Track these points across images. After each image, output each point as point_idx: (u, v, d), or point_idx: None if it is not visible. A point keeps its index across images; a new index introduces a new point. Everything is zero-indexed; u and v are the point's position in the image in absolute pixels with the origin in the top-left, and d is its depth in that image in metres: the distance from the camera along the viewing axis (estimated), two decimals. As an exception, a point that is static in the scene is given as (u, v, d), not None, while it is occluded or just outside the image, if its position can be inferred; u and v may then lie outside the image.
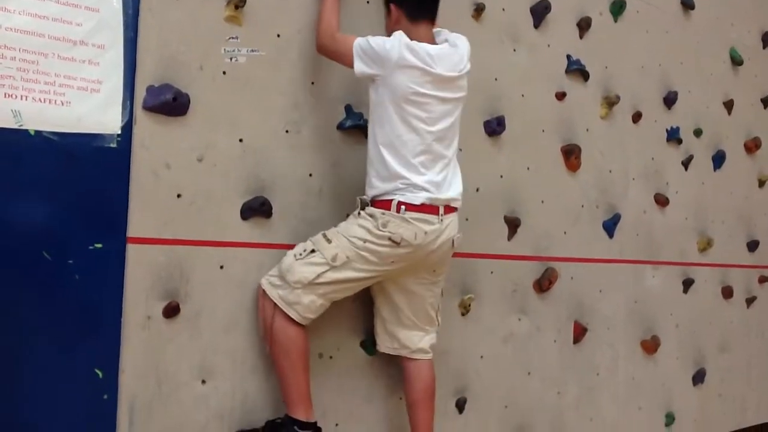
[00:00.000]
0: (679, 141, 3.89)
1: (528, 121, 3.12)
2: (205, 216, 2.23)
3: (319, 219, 2.44)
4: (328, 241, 2.24)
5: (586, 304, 3.39)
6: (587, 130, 3.39)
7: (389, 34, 2.33)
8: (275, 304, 2.21)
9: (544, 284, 3.16)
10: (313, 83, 2.45)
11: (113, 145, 2.07)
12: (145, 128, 2.11)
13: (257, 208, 2.31)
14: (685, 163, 3.95)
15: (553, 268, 3.20)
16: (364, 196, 2.34)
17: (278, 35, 2.38)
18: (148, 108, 2.11)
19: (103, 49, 2.07)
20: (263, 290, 2.25)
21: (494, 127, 2.97)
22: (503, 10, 3.03)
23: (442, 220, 2.32)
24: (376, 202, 2.30)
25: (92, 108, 2.03)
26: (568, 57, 3.30)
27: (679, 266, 3.91)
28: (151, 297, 2.12)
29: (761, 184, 4.51)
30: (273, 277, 2.25)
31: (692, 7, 3.98)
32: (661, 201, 3.78)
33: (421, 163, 2.29)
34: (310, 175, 2.43)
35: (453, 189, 2.37)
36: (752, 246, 4.41)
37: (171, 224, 2.16)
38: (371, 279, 2.32)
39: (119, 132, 2.07)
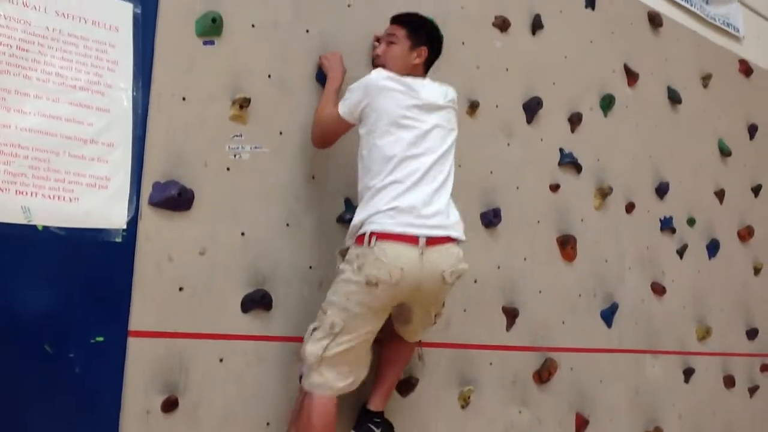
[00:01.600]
0: (673, 230, 3.95)
1: (523, 213, 3.19)
2: (206, 308, 2.25)
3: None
4: (324, 312, 2.22)
5: (587, 394, 3.36)
6: (582, 220, 3.45)
7: (395, 60, 2.42)
8: (307, 392, 2.23)
9: (544, 375, 3.14)
10: (313, 177, 2.53)
11: (118, 239, 2.12)
12: (150, 223, 2.16)
13: (258, 301, 2.33)
14: (680, 252, 4.00)
15: (552, 358, 3.19)
16: (346, 241, 2.30)
17: (280, 132, 2.48)
18: (154, 203, 2.17)
19: (112, 147, 2.15)
20: (301, 387, 2.28)
21: (491, 219, 3.04)
22: (497, 106, 3.15)
23: (422, 253, 2.18)
24: (353, 239, 2.26)
25: (100, 204, 2.10)
26: (561, 150, 3.41)
27: (679, 355, 3.90)
28: (150, 391, 2.11)
29: (756, 271, 4.54)
30: (304, 372, 2.26)
31: (679, 101, 4.14)
32: (658, 290, 3.81)
33: (402, 186, 2.21)
34: (311, 267, 2.47)
35: (441, 216, 2.25)
36: (752, 334, 4.40)
37: (172, 317, 2.18)
38: (374, 324, 2.25)
39: (125, 227, 2.13)
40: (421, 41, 2.47)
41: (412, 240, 2.18)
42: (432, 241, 2.20)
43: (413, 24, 2.49)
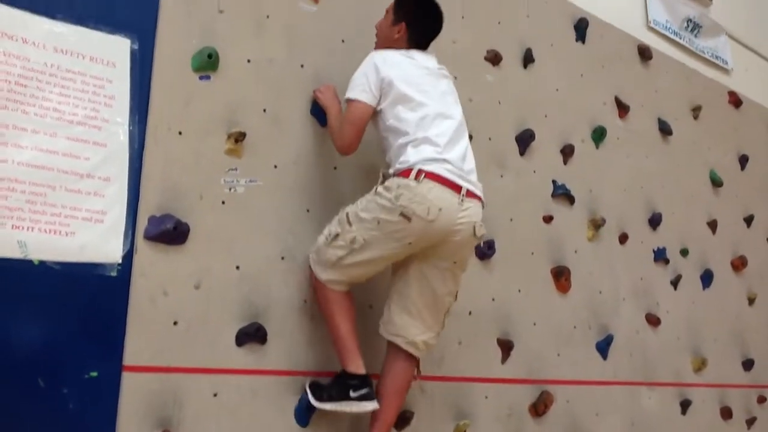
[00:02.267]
0: (667, 261, 3.97)
1: (517, 244, 3.21)
2: (201, 342, 2.24)
3: (313, 344, 2.45)
4: (349, 224, 2.29)
5: (584, 427, 3.34)
6: (575, 251, 3.47)
7: (381, 33, 2.57)
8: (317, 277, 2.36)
9: (539, 408, 3.13)
10: (308, 210, 2.54)
11: (113, 273, 2.12)
12: (145, 257, 2.17)
13: (252, 334, 2.33)
14: (674, 283, 4.01)
15: (548, 391, 3.18)
16: (389, 170, 2.36)
17: (275, 166, 2.49)
18: (149, 237, 2.17)
19: (108, 182, 2.16)
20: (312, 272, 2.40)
21: (485, 251, 3.05)
22: (490, 139, 3.18)
23: (462, 201, 2.29)
24: (397, 173, 2.31)
25: (95, 238, 2.10)
26: (554, 182, 3.43)
27: (675, 387, 3.89)
28: (144, 426, 2.09)
29: (751, 301, 4.56)
30: (313, 252, 2.39)
31: (670, 133, 4.19)
32: (653, 321, 3.81)
33: (442, 140, 2.33)
34: (305, 301, 2.47)
35: (474, 174, 2.41)
36: (747, 365, 4.40)
37: (166, 351, 2.17)
38: (391, 257, 2.34)
39: (120, 261, 2.13)
40: (400, 17, 2.54)
41: (456, 188, 2.30)
42: (470, 194, 2.33)
43: (399, 0, 2.58)
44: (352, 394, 2.27)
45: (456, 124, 2.42)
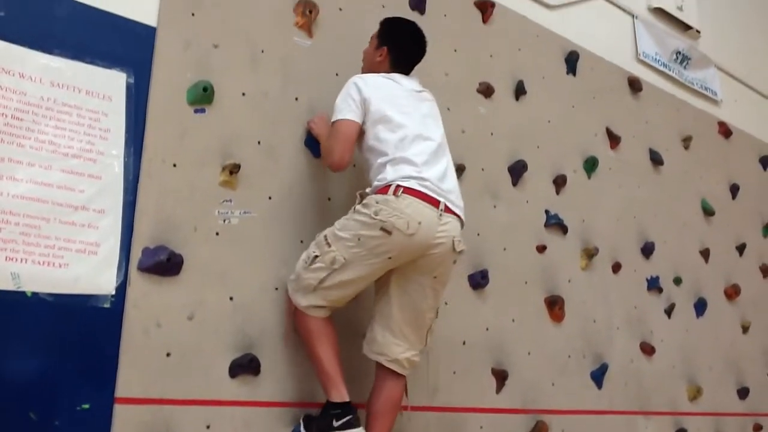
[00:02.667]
0: (660, 290, 3.98)
1: (511, 274, 3.22)
2: (194, 374, 2.24)
3: (306, 375, 2.45)
4: (328, 244, 2.30)
5: (579, 458, 3.32)
6: (569, 281, 3.48)
7: (365, 58, 2.67)
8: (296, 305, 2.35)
9: (534, 438, 3.12)
10: (302, 241, 2.55)
11: (107, 305, 2.12)
12: (138, 288, 2.17)
13: (246, 365, 2.33)
14: (668, 311, 4.02)
15: (543, 421, 3.16)
16: (366, 190, 2.39)
17: (269, 197, 2.51)
18: (143, 269, 2.18)
19: (102, 214, 2.17)
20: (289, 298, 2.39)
21: (478, 281, 3.06)
22: (483, 169, 3.21)
23: (441, 215, 2.32)
24: (375, 191, 2.35)
25: (89, 270, 2.11)
26: (547, 212, 3.46)
27: (671, 416, 3.87)
28: (136, 459, 2.09)
29: (745, 330, 4.56)
30: (291, 281, 2.37)
31: (661, 163, 4.23)
32: (647, 349, 3.81)
33: (419, 159, 2.36)
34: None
35: (455, 194, 2.42)
36: (743, 393, 4.38)
37: (159, 383, 2.17)
38: (372, 275, 2.34)
39: (113, 292, 2.14)
40: (382, 41, 2.63)
41: (435, 202, 2.32)
42: (448, 209, 2.36)
43: (382, 25, 2.67)
44: (335, 423, 2.26)
45: (435, 145, 2.45)
